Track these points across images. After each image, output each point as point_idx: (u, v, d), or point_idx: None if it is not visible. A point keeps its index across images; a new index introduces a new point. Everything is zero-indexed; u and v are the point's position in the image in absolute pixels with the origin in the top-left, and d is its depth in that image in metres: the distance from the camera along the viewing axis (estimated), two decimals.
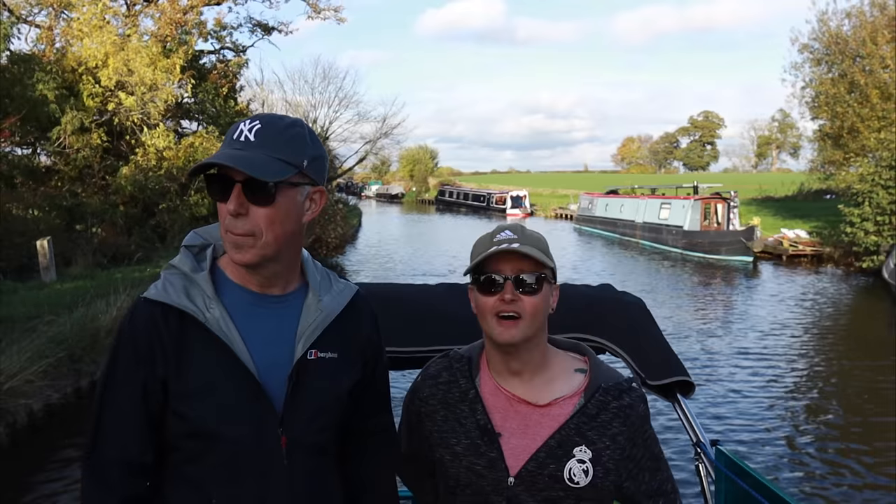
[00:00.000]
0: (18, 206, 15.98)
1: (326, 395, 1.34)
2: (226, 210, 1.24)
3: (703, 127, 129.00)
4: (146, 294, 1.30)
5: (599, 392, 1.40)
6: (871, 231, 18.03)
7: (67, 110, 17.17)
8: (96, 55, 18.29)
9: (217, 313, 1.27)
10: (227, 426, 1.26)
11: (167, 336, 1.26)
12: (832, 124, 24.27)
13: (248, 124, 1.27)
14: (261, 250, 1.26)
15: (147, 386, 1.26)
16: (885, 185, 17.88)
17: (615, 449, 1.38)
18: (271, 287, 1.34)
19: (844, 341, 12.18)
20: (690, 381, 2.03)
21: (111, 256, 15.15)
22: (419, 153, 78.78)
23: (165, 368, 1.26)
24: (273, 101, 32.50)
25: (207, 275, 1.31)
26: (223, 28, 25.81)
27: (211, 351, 1.26)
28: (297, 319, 1.34)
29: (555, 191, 61.75)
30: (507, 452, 1.38)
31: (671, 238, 25.88)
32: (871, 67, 22.47)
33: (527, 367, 1.41)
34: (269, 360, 1.30)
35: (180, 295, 1.27)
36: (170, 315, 1.27)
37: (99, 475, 1.26)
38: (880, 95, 21.88)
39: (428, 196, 70.80)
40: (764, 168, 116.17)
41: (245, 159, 1.22)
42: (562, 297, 1.48)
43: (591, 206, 35.61)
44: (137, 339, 1.27)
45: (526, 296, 1.35)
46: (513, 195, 48.89)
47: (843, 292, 17.32)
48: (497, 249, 1.35)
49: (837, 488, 6.30)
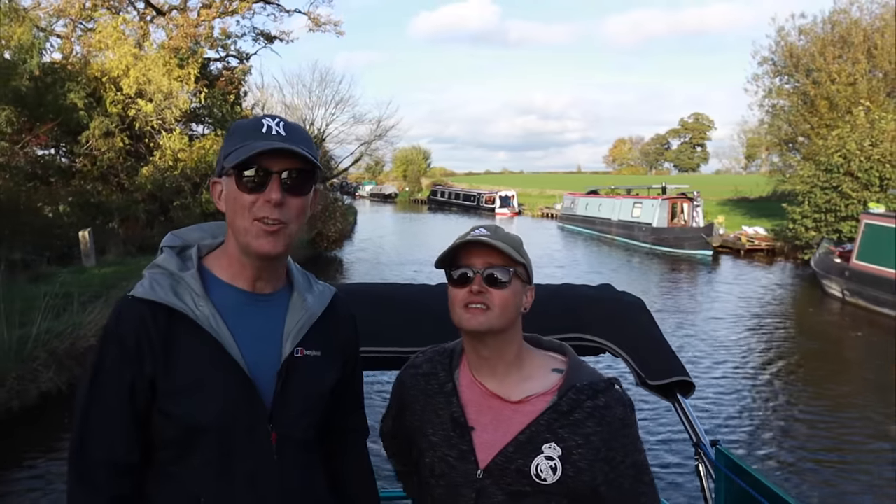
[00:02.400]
0: (52, 202, 18.00)
1: (313, 392, 1.37)
2: (259, 199, 1.25)
3: (693, 129, 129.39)
4: (133, 292, 1.29)
5: (573, 391, 1.39)
6: (810, 227, 20.31)
7: (95, 116, 19.21)
8: (118, 66, 20.30)
9: (206, 310, 1.28)
10: (218, 422, 1.26)
11: (155, 334, 1.26)
12: (787, 131, 26.57)
13: (272, 120, 1.29)
14: (288, 238, 1.29)
15: (135, 384, 1.26)
16: (822, 186, 20.15)
17: (588, 449, 1.36)
18: (265, 285, 1.36)
19: (783, 326, 14.04)
20: (690, 381, 2.04)
21: (138, 247, 17.21)
22: (412, 154, 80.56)
23: (154, 366, 1.25)
24: (272, 104, 34.43)
25: (196, 273, 1.32)
26: (228, 37, 27.80)
27: (201, 348, 1.27)
28: (282, 318, 1.36)
29: (543, 191, 63.96)
30: (479, 446, 1.40)
31: (641, 234, 28.19)
32: (820, 80, 24.74)
33: (500, 362, 1.43)
34: (258, 357, 1.31)
35: (168, 293, 1.27)
36: (158, 313, 1.26)
37: (85, 476, 1.25)
38: (828, 106, 24.14)
39: (421, 196, 72.29)
40: (754, 169, 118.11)
41: (299, 148, 1.26)
42: (562, 298, 1.51)
43: (573, 206, 37.79)
44: (125, 338, 1.26)
45: (495, 289, 1.37)
46: (501, 195, 51.01)
47: (786, 282, 19.57)
48: (467, 239, 1.39)
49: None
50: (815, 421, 8.20)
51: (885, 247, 14.28)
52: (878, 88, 23.70)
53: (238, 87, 27.11)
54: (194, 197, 20.67)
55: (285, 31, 27.93)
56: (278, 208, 1.25)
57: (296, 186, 1.27)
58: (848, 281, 15.41)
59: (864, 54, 24.17)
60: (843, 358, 12.13)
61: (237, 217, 1.27)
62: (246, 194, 1.25)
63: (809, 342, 12.74)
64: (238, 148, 1.25)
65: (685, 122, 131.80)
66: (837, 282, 15.91)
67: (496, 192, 53.16)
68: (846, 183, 19.58)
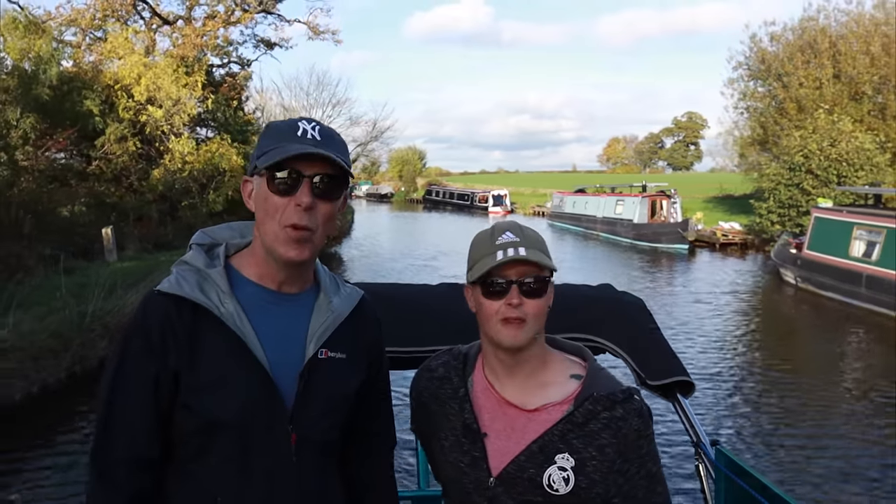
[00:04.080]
0: (71, 203, 19.43)
1: (336, 394, 1.36)
2: (290, 203, 1.26)
3: (686, 127, 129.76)
4: (159, 287, 1.31)
5: (590, 401, 1.35)
6: (775, 221, 21.90)
7: (109, 122, 20.66)
8: (130, 74, 21.72)
9: (231, 308, 1.29)
10: (237, 419, 1.26)
11: (180, 329, 1.27)
12: (760, 132, 28.19)
13: (307, 124, 1.30)
14: (315, 245, 1.30)
15: (159, 378, 1.27)
16: (786, 183, 21.74)
17: (602, 461, 1.33)
18: (291, 285, 1.36)
19: (741, 310, 15.51)
20: (690, 381, 2.04)
21: (153, 244, 18.67)
22: (408, 154, 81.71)
23: (178, 361, 1.26)
24: (271, 107, 35.59)
25: (222, 270, 1.33)
26: (230, 44, 29.22)
27: (224, 345, 1.27)
28: (307, 319, 1.37)
29: (535, 190, 65.48)
30: (491, 453, 1.37)
31: (623, 230, 29.83)
32: (789, 84, 26.34)
33: (522, 370, 1.40)
34: (281, 356, 1.31)
35: (194, 289, 1.29)
36: (183, 308, 1.28)
37: (106, 474, 1.26)
38: (796, 108, 25.74)
39: (416, 195, 73.16)
40: (749, 167, 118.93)
41: (332, 154, 1.26)
42: (562, 297, 1.50)
43: (562, 204, 39.40)
44: (150, 331, 1.27)
45: (530, 298, 1.35)
46: (494, 194, 52.53)
47: (748, 272, 21.19)
48: (504, 259, 1.33)
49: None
50: (764, 400, 9.02)
51: (831, 238, 15.87)
52: (842, 92, 25.28)
53: (240, 93, 28.51)
54: (201, 197, 22.09)
55: (285, 37, 29.22)
56: (307, 213, 1.26)
57: (326, 192, 1.28)
58: (800, 269, 16.99)
59: (829, 60, 25.76)
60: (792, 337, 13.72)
61: (266, 219, 1.28)
62: (276, 196, 1.26)
63: (763, 324, 14.33)
64: (272, 149, 1.26)
65: (678, 120, 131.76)
66: (792, 270, 17.49)
67: (489, 191, 54.66)
68: (807, 180, 21.18)
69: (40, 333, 7.84)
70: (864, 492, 6.37)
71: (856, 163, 20.87)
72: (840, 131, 21.21)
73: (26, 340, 7.63)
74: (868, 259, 14.55)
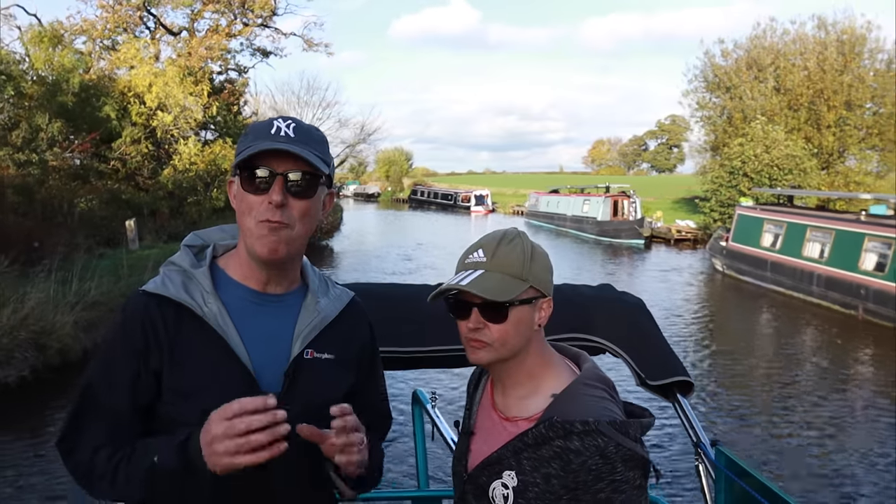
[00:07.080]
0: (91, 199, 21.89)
1: (321, 395, 1.33)
2: (264, 201, 1.25)
3: (669, 130, 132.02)
4: (144, 287, 1.31)
5: (545, 424, 1.24)
6: (717, 219, 24.85)
7: (125, 126, 23.14)
8: (142, 83, 24.16)
9: (214, 308, 1.29)
10: None
11: (163, 328, 1.27)
12: (712, 139, 31.22)
13: (283, 122, 1.29)
14: (291, 243, 1.29)
15: (139, 378, 1.27)
16: (727, 185, 24.68)
17: (545, 490, 1.22)
18: (275, 286, 1.36)
19: (676, 292, 18.12)
20: (690, 381, 2.05)
21: (167, 235, 21.20)
22: (394, 155, 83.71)
23: (160, 361, 1.27)
24: (264, 110, 37.17)
25: (206, 270, 1.33)
26: (228, 52, 31.61)
27: (207, 345, 1.28)
28: (294, 319, 1.36)
29: (517, 190, 68.26)
30: (472, 452, 1.40)
31: (588, 227, 32.83)
32: (736, 96, 29.34)
33: (508, 380, 1.37)
34: (265, 357, 1.31)
35: (178, 289, 1.29)
36: (167, 308, 1.28)
37: (70, 453, 1.29)
38: (742, 118, 28.72)
39: (402, 195, 75.04)
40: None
41: (302, 151, 1.25)
42: (562, 297, 1.48)
43: (537, 204, 42.31)
44: (133, 331, 1.27)
45: (494, 323, 1.29)
46: (476, 194, 55.14)
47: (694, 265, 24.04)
48: (459, 286, 1.28)
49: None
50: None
51: (750, 231, 18.76)
52: (782, 103, 28.28)
53: (239, 98, 30.94)
54: (206, 195, 24.64)
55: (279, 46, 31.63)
56: (280, 210, 1.24)
57: (300, 189, 1.27)
58: (725, 258, 19.90)
59: (771, 74, 28.76)
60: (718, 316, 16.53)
61: (243, 217, 1.28)
62: (250, 195, 1.26)
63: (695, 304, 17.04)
64: (247, 148, 1.26)
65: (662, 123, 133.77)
66: (720, 259, 20.40)
67: (472, 191, 57.34)
68: (743, 183, 24.12)
69: (114, 293, 10.42)
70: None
71: (785, 167, 23.82)
72: (773, 139, 24.15)
73: (106, 297, 10.24)
74: (773, 248, 17.45)
